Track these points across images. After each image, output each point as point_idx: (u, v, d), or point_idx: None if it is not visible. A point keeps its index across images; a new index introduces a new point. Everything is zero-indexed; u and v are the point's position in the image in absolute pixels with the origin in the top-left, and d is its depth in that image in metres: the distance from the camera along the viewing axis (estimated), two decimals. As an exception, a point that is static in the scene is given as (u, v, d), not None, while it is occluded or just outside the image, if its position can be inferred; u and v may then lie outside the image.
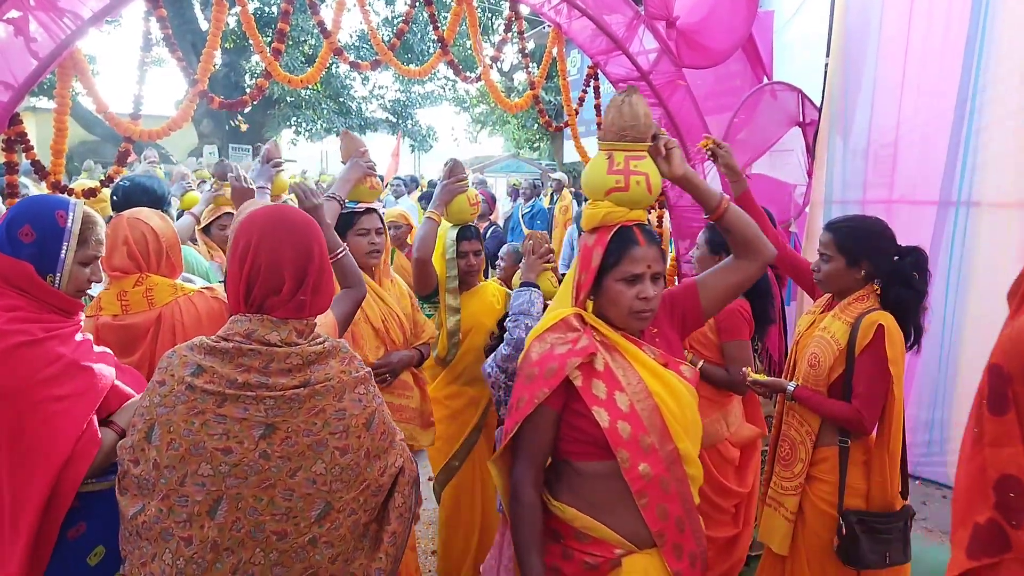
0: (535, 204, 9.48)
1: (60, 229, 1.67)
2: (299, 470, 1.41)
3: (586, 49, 4.19)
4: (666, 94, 4.07)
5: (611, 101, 1.82)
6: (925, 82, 4.02)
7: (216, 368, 1.40)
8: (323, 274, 1.55)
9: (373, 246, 2.75)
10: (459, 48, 18.43)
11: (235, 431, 1.38)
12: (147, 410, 1.41)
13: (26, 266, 1.62)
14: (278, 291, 1.46)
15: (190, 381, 1.39)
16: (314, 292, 1.51)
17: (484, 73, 4.04)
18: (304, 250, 1.51)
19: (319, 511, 1.43)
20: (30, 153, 2.69)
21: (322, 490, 1.43)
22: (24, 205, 1.69)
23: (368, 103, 21.53)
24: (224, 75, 16.74)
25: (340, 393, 1.48)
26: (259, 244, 1.48)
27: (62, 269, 1.68)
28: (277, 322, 1.46)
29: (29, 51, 2.49)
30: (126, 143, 2.87)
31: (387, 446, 1.56)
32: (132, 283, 2.13)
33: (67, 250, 1.68)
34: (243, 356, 1.41)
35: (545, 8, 3.99)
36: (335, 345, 1.54)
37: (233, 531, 1.37)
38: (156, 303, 2.12)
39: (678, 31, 4.02)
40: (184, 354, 1.44)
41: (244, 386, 1.39)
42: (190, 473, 1.36)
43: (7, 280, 1.62)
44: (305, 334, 1.50)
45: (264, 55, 3.22)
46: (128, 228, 2.16)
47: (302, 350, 1.46)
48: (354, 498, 1.48)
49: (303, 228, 1.54)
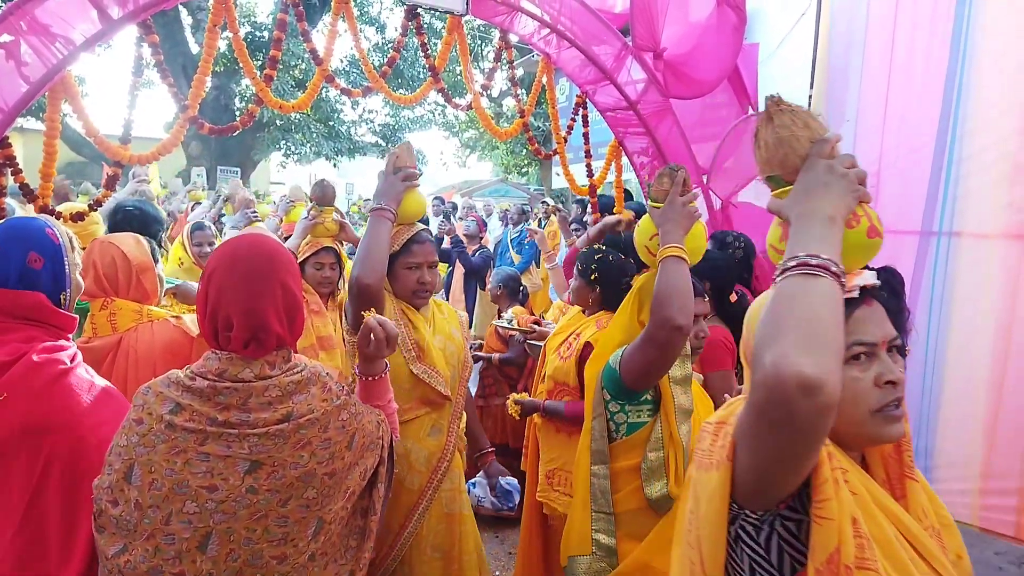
0: (523, 230, 9.50)
1: (57, 246, 1.67)
2: (290, 499, 1.39)
3: (575, 79, 4.25)
4: (653, 123, 4.12)
5: None
6: (907, 113, 4.09)
7: (195, 406, 1.37)
8: (287, 308, 1.47)
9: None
10: (449, 73, 18.56)
11: (219, 468, 1.34)
12: (125, 449, 1.37)
13: (39, 296, 1.61)
14: (230, 329, 1.42)
15: (169, 419, 1.36)
16: (281, 327, 1.45)
17: (475, 101, 4.08)
18: (255, 287, 1.43)
19: (315, 528, 1.43)
20: (18, 176, 2.68)
21: (315, 511, 1.42)
22: (8, 234, 1.64)
23: (358, 127, 21.59)
24: (214, 98, 16.72)
25: (325, 424, 1.45)
26: (211, 279, 1.44)
27: (70, 284, 1.69)
28: (248, 359, 1.42)
29: (20, 75, 2.50)
30: (114, 167, 2.87)
31: (365, 453, 1.56)
32: (99, 307, 2.13)
33: (69, 264, 1.69)
34: (219, 395, 1.38)
35: (535, 38, 4.05)
36: (313, 372, 1.50)
37: (229, 562, 1.35)
38: (119, 328, 2.12)
39: (665, 62, 4.09)
40: (160, 391, 1.40)
41: (225, 424, 1.36)
42: (175, 512, 1.33)
43: (18, 315, 1.60)
44: (278, 364, 1.46)
45: (255, 81, 3.24)
46: (98, 253, 2.15)
47: (279, 381, 1.43)
48: (342, 506, 1.49)
49: (260, 262, 1.46)
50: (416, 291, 2.36)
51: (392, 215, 2.22)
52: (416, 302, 2.39)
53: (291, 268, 1.52)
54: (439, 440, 2.38)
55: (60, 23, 2.56)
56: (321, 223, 3.42)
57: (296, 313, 1.51)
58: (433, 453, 2.36)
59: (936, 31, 3.94)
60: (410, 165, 2.32)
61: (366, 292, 2.09)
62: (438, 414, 2.40)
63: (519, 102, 4.39)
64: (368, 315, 1.71)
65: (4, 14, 2.45)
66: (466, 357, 2.55)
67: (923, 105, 4.01)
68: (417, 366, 2.30)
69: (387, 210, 2.19)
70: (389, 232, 2.21)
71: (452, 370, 2.43)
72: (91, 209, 3.02)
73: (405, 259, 2.34)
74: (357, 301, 2.09)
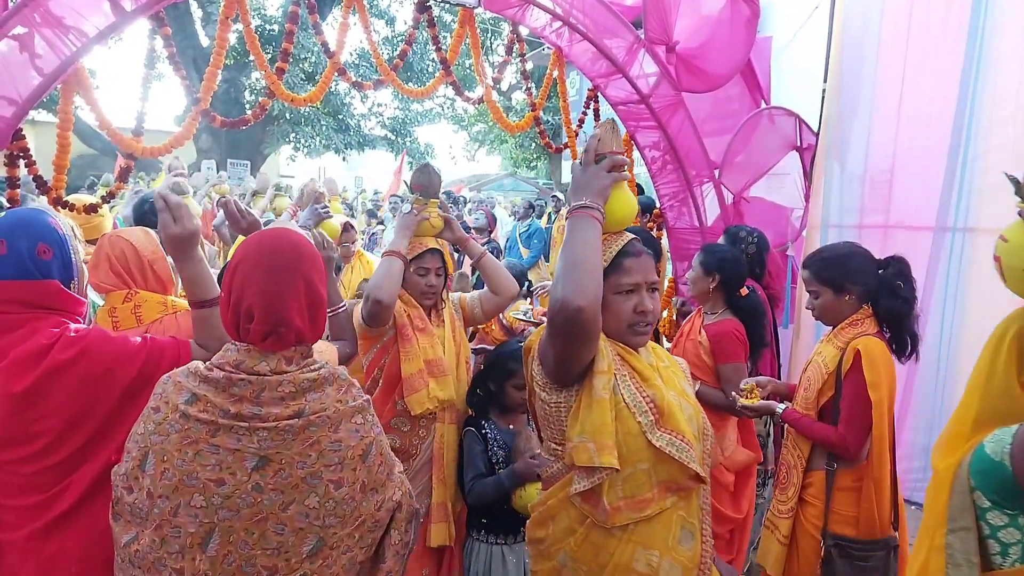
0: (532, 224, 9.50)
1: (62, 236, 1.67)
2: (292, 503, 1.36)
3: (586, 72, 4.23)
4: (665, 117, 4.10)
5: None
6: (922, 108, 4.05)
7: (209, 397, 1.37)
8: (309, 304, 1.47)
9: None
10: (459, 67, 18.51)
11: (228, 462, 1.34)
12: (142, 437, 1.38)
13: (54, 284, 1.63)
14: (251, 320, 1.42)
15: (184, 409, 1.36)
16: (302, 322, 1.45)
17: (486, 95, 4.07)
18: (278, 280, 1.43)
19: (311, 547, 1.39)
20: (32, 168, 2.69)
21: (315, 524, 1.38)
22: (14, 227, 1.64)
23: (367, 120, 21.63)
24: (224, 91, 16.79)
25: (336, 424, 1.42)
26: (236, 270, 1.45)
27: (77, 273, 1.70)
28: (265, 352, 1.42)
29: (34, 67, 2.51)
30: (127, 160, 2.88)
31: (384, 479, 1.49)
32: (121, 299, 2.12)
33: (74, 252, 1.70)
34: (234, 386, 1.38)
35: (546, 31, 4.03)
36: (332, 372, 1.48)
37: (224, 565, 1.34)
38: (144, 320, 2.11)
39: (678, 56, 4.06)
40: (179, 380, 1.41)
41: (237, 416, 1.36)
42: (183, 504, 1.33)
43: (38, 304, 1.61)
44: (295, 361, 1.45)
45: (267, 74, 3.24)
46: (109, 245, 2.16)
47: (294, 377, 1.41)
48: (349, 534, 1.43)
49: (285, 256, 1.46)
50: (634, 324, 1.73)
51: (602, 215, 1.66)
52: (633, 340, 1.75)
53: (316, 264, 1.51)
54: (693, 549, 1.68)
55: (73, 15, 2.57)
56: (426, 219, 2.71)
57: (318, 310, 1.50)
58: (688, 569, 1.67)
59: (951, 25, 3.89)
60: (617, 151, 1.74)
61: (578, 320, 1.54)
62: (687, 507, 1.70)
63: (530, 96, 4.38)
64: None
65: (18, 6, 2.45)
66: (705, 425, 1.80)
67: (938, 100, 3.97)
68: (657, 434, 1.64)
69: (595, 208, 1.65)
70: (600, 238, 1.66)
71: (698, 442, 1.73)
72: (104, 201, 3.03)
73: (616, 279, 1.72)
74: (566, 335, 1.59)
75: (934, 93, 4.00)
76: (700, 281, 3.07)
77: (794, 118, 4.53)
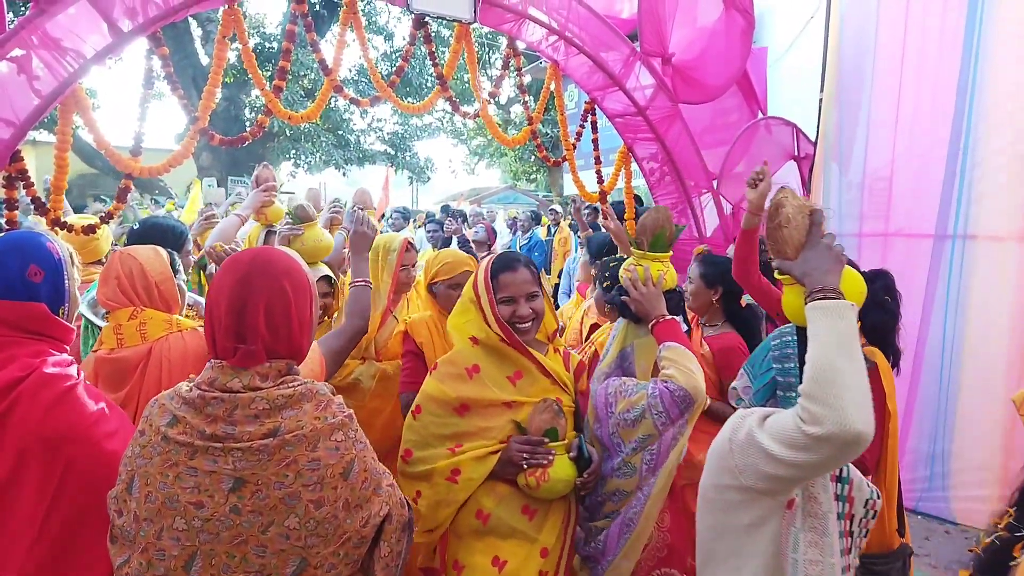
0: (533, 236, 9.51)
1: (57, 260, 1.67)
2: (271, 525, 1.33)
3: (583, 85, 4.25)
4: (662, 129, 4.11)
5: None
6: (919, 116, 4.06)
7: (188, 419, 1.35)
8: (282, 316, 1.43)
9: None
10: (456, 81, 18.62)
11: (206, 484, 1.32)
12: (129, 460, 1.38)
13: (40, 307, 1.61)
14: (221, 331, 1.40)
15: (165, 432, 1.35)
16: (270, 333, 1.41)
17: (482, 110, 4.08)
18: (245, 291, 1.41)
19: (294, 568, 1.36)
20: (30, 190, 2.70)
21: (296, 546, 1.35)
22: (7, 246, 1.63)
23: (366, 136, 21.70)
24: (224, 109, 16.86)
25: (314, 442, 1.37)
26: (213, 287, 1.44)
27: (69, 299, 1.69)
28: (237, 368, 1.39)
29: (31, 89, 2.52)
30: (126, 179, 2.88)
31: (369, 494, 1.45)
32: (127, 316, 2.11)
33: (68, 279, 1.69)
34: (208, 405, 1.36)
35: (543, 45, 4.05)
36: (310, 388, 1.42)
37: None
38: (149, 337, 2.10)
39: (674, 67, 4.08)
40: (164, 403, 1.40)
41: (212, 437, 1.33)
42: (166, 527, 1.32)
43: (20, 327, 1.60)
44: (271, 377, 1.41)
45: (265, 92, 3.25)
46: (119, 263, 2.16)
47: (267, 394, 1.37)
48: (333, 552, 1.39)
49: (257, 265, 1.44)
50: None
51: None
52: None
53: (292, 274, 1.47)
54: None
55: (71, 37, 2.58)
56: None
57: (293, 325, 1.46)
58: None
59: (948, 32, 3.91)
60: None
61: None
62: None
63: (527, 109, 4.39)
64: None
65: (16, 29, 2.46)
66: None
67: (936, 107, 3.98)
68: None
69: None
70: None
71: None
72: (102, 221, 3.03)
73: None
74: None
75: (931, 100, 4.02)
76: (702, 294, 3.04)
77: (791, 128, 4.54)
